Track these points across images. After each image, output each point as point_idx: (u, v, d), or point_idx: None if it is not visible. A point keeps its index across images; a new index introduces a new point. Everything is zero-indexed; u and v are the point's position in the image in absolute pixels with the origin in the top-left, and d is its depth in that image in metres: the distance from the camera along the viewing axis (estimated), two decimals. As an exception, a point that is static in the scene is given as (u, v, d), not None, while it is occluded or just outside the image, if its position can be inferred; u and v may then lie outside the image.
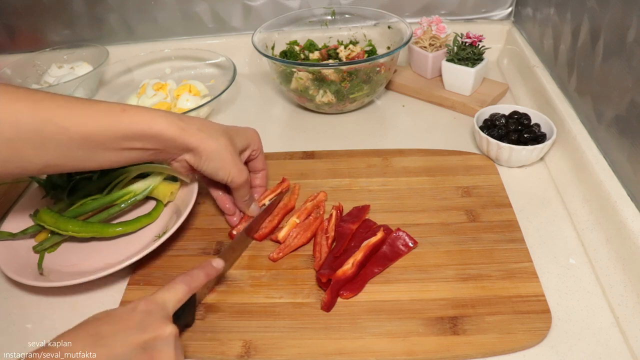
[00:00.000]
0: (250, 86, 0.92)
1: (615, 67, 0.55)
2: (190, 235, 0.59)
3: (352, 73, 0.75)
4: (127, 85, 0.88)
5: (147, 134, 0.48)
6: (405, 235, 0.54)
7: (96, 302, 0.52)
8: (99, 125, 0.46)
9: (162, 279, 0.53)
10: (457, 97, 0.79)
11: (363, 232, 0.56)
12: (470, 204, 0.60)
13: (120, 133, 0.47)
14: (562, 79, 0.70)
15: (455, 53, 0.78)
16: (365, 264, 0.52)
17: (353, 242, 0.54)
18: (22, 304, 0.53)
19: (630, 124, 0.52)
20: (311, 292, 0.51)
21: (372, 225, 0.56)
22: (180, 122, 0.50)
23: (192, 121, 0.52)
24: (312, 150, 0.71)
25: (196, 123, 0.52)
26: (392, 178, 0.65)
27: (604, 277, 0.50)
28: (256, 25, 0.83)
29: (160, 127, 0.49)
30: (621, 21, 0.54)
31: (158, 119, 0.49)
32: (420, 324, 0.47)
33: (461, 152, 0.68)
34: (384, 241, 0.54)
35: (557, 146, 0.65)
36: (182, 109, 0.77)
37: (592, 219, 0.55)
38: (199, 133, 0.51)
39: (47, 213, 0.57)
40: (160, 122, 0.49)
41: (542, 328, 0.46)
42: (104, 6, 0.92)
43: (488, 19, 0.94)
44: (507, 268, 0.51)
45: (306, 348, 0.45)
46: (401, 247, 0.54)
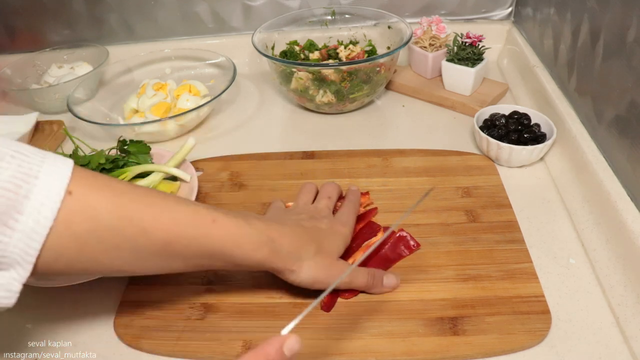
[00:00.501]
0: (250, 86, 0.92)
1: (615, 67, 0.55)
2: (190, 235, 0.58)
3: (352, 73, 0.75)
4: (127, 85, 0.88)
5: (234, 257, 0.42)
6: (408, 236, 0.54)
7: (96, 302, 0.52)
8: (184, 234, 0.39)
9: (162, 278, 0.53)
10: (457, 97, 0.79)
11: (366, 234, 0.56)
12: (471, 204, 0.60)
13: (206, 249, 0.41)
14: (562, 79, 0.70)
15: (455, 53, 0.78)
16: (367, 265, 0.52)
17: (354, 242, 0.54)
18: (22, 304, 0.53)
19: (630, 124, 0.52)
20: (311, 291, 0.51)
21: (375, 228, 0.56)
22: (271, 243, 0.44)
23: (284, 238, 0.45)
24: (312, 150, 0.71)
25: (287, 242, 0.45)
26: (392, 178, 0.65)
27: (604, 277, 0.50)
28: (256, 25, 0.83)
29: (249, 252, 0.43)
30: (621, 21, 0.54)
31: (246, 239, 0.42)
32: (420, 325, 0.47)
33: (461, 153, 0.68)
34: (386, 242, 0.54)
35: (557, 146, 0.65)
36: (182, 109, 0.77)
37: (592, 219, 0.55)
38: (289, 257, 0.45)
39: (47, 213, 0.56)
40: (249, 245, 0.42)
41: (542, 328, 0.46)
42: (104, 6, 0.92)
43: (488, 19, 0.94)
44: (507, 268, 0.51)
45: (306, 348, 0.45)
46: (403, 249, 0.54)
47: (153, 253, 0.39)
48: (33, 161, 0.34)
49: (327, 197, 0.56)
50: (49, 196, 0.33)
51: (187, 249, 0.40)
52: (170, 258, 0.40)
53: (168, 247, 0.39)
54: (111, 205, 0.36)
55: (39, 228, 0.33)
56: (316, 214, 0.53)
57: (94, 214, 0.35)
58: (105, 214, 0.36)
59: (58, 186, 0.34)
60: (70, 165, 0.35)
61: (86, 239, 0.35)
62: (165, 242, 0.38)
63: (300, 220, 0.50)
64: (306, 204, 0.57)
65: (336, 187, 0.59)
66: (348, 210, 0.55)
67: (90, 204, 0.35)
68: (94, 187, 0.36)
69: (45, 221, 0.33)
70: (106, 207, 0.36)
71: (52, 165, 0.34)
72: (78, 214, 0.34)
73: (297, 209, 0.55)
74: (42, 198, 0.33)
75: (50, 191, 0.33)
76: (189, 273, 0.53)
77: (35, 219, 0.33)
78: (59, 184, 0.34)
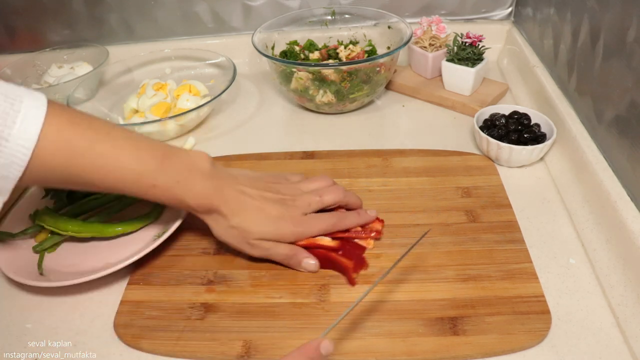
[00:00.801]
0: (250, 86, 0.92)
1: (615, 67, 0.55)
2: (191, 235, 0.58)
3: (352, 73, 0.75)
4: (127, 85, 0.88)
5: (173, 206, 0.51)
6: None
7: (96, 302, 0.52)
8: (125, 190, 0.48)
9: (162, 278, 0.53)
10: (457, 97, 0.79)
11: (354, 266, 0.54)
12: (471, 204, 0.60)
13: (147, 199, 0.49)
14: (562, 79, 0.70)
15: (455, 53, 0.78)
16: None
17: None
18: (22, 304, 0.53)
19: (630, 124, 0.52)
20: (311, 292, 0.51)
21: (361, 264, 0.54)
22: (209, 203, 0.50)
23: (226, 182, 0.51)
24: (312, 150, 0.71)
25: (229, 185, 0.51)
26: (392, 178, 0.65)
27: (604, 277, 0.50)
28: (256, 25, 0.83)
29: (191, 203, 0.50)
30: (621, 21, 0.54)
31: (188, 195, 0.49)
32: (420, 325, 0.47)
33: (461, 153, 0.68)
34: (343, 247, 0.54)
35: (557, 146, 0.65)
36: (182, 109, 0.77)
37: (592, 219, 0.55)
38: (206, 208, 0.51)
39: (47, 213, 0.57)
40: (189, 199, 0.49)
41: (542, 329, 0.46)
42: (104, 6, 0.92)
43: (488, 19, 0.94)
44: (507, 268, 0.51)
45: (306, 348, 0.45)
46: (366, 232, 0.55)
47: (91, 190, 0.49)
48: (11, 107, 0.41)
49: (318, 195, 0.55)
50: (26, 136, 0.41)
51: (124, 193, 0.49)
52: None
53: (109, 191, 0.49)
54: (64, 162, 0.44)
55: (17, 163, 0.41)
56: (288, 200, 0.53)
57: (65, 152, 0.43)
58: (58, 162, 0.44)
59: (34, 129, 0.41)
60: (45, 105, 0.42)
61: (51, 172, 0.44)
62: (107, 190, 0.48)
63: (250, 189, 0.52)
64: (295, 184, 0.56)
65: (338, 192, 0.56)
66: (325, 221, 0.53)
67: (59, 144, 0.43)
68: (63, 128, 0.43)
69: (23, 157, 0.41)
70: (61, 158, 0.43)
71: (29, 110, 0.41)
72: (50, 151, 0.42)
73: (280, 183, 0.56)
74: (20, 138, 0.41)
75: (26, 132, 0.41)
76: (189, 273, 0.54)
77: (13, 155, 0.41)
78: (35, 127, 0.41)
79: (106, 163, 0.46)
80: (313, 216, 0.53)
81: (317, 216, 0.54)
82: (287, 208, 0.52)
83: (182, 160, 0.50)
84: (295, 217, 0.52)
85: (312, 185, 0.56)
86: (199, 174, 0.50)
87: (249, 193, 0.52)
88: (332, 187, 0.56)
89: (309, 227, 0.53)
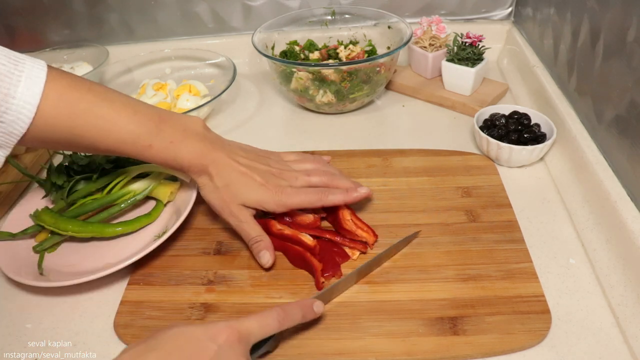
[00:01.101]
0: (250, 86, 0.92)
1: (615, 67, 0.55)
2: (190, 235, 0.58)
3: (352, 73, 0.75)
4: (127, 85, 0.88)
5: (167, 165, 0.53)
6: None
7: (96, 302, 0.52)
8: (122, 151, 0.50)
9: (162, 278, 0.53)
10: (457, 97, 0.79)
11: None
12: (471, 204, 0.60)
13: (143, 159, 0.52)
14: (562, 79, 0.70)
15: (455, 53, 0.78)
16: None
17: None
18: (22, 304, 0.53)
19: (630, 124, 0.52)
20: (311, 292, 0.51)
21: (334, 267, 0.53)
22: (200, 166, 0.52)
23: (212, 165, 0.53)
24: (313, 150, 0.71)
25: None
26: (392, 178, 0.65)
27: (604, 277, 0.50)
28: (256, 25, 0.83)
29: (184, 162, 0.52)
30: (621, 21, 0.54)
31: (182, 154, 0.51)
32: (420, 324, 0.47)
33: (461, 153, 0.68)
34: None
35: (557, 146, 0.65)
36: (182, 109, 0.77)
37: (592, 219, 0.55)
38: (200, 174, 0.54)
39: (47, 213, 0.57)
40: (182, 158, 0.52)
41: (542, 328, 0.46)
42: (104, 6, 0.92)
43: (488, 19, 0.94)
44: (507, 268, 0.51)
45: (306, 348, 0.45)
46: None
47: (90, 151, 0.54)
48: (15, 67, 0.43)
49: (307, 174, 0.56)
50: (30, 94, 0.43)
51: (121, 154, 0.51)
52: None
53: (108, 152, 0.51)
54: (66, 123, 0.46)
55: (22, 120, 0.44)
56: (275, 171, 0.55)
57: (66, 113, 0.46)
58: (60, 123, 0.46)
59: (37, 88, 0.44)
60: (45, 68, 0.45)
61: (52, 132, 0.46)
62: (105, 151, 0.51)
63: (243, 158, 0.54)
64: (286, 162, 0.58)
65: (327, 174, 0.56)
66: (309, 194, 0.54)
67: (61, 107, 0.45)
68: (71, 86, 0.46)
69: (29, 113, 0.44)
70: (63, 118, 0.46)
71: (32, 70, 0.44)
72: (52, 111, 0.45)
73: (271, 158, 0.57)
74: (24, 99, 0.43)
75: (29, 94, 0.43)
76: (189, 273, 0.54)
77: (19, 112, 0.43)
78: (38, 86, 0.44)
79: (105, 125, 0.48)
80: (297, 189, 0.54)
81: (302, 189, 0.54)
82: (273, 177, 0.54)
83: (177, 122, 0.52)
84: (279, 186, 0.53)
85: (303, 165, 0.58)
86: (193, 135, 0.52)
87: (237, 159, 0.54)
88: (320, 170, 0.57)
89: (292, 197, 0.53)
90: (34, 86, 0.43)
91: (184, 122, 0.53)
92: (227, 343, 0.37)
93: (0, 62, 0.43)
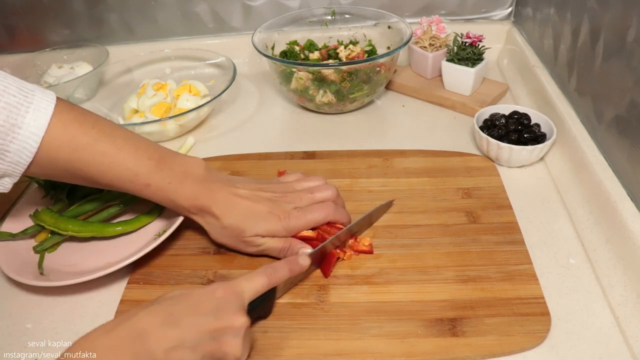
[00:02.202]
0: (250, 86, 0.92)
1: (615, 67, 0.55)
2: (191, 235, 0.59)
3: (352, 73, 0.75)
4: (127, 85, 0.88)
5: (166, 205, 0.54)
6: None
7: (96, 302, 0.52)
8: (121, 187, 0.51)
9: (162, 278, 0.53)
10: (457, 97, 0.79)
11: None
12: (471, 205, 0.60)
13: (141, 196, 0.52)
14: (562, 79, 0.70)
15: (455, 53, 0.78)
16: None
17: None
18: (22, 304, 0.53)
19: (630, 124, 0.52)
20: (310, 292, 0.51)
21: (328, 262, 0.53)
22: (195, 206, 0.52)
23: (210, 201, 0.52)
24: (313, 150, 0.71)
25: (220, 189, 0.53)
26: (393, 179, 0.65)
27: (604, 277, 0.50)
28: (256, 25, 0.83)
29: (183, 204, 0.52)
30: (621, 21, 0.54)
31: (180, 196, 0.51)
32: (419, 326, 0.47)
33: (462, 153, 0.68)
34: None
35: (557, 146, 0.65)
36: (182, 109, 0.77)
37: (592, 219, 0.55)
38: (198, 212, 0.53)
39: (47, 213, 0.57)
40: (180, 200, 0.52)
41: (542, 330, 0.45)
42: (104, 6, 0.92)
43: (488, 19, 0.94)
44: (506, 270, 0.51)
45: (305, 349, 0.45)
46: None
47: (89, 184, 0.52)
48: (24, 99, 0.46)
49: (310, 192, 0.55)
50: (36, 125, 0.45)
51: (119, 190, 0.52)
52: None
53: (105, 187, 0.52)
54: (67, 156, 0.47)
55: (27, 149, 0.45)
56: (279, 196, 0.54)
57: (69, 146, 0.47)
58: (65, 156, 0.47)
59: (44, 120, 0.46)
60: (54, 101, 0.47)
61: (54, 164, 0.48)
62: (104, 186, 0.51)
63: (245, 192, 0.54)
64: (288, 183, 0.57)
65: (330, 190, 0.56)
66: (317, 211, 0.53)
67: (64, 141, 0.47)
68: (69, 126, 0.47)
69: (34, 143, 0.45)
70: (66, 151, 0.47)
71: (40, 102, 0.46)
72: (56, 143, 0.47)
73: (273, 184, 0.57)
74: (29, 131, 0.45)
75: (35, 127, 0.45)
76: (189, 273, 0.54)
77: (24, 142, 0.45)
78: (44, 118, 0.46)
79: (105, 160, 0.49)
80: (304, 209, 0.54)
81: (308, 208, 0.54)
82: (277, 203, 0.53)
83: (177, 163, 0.52)
84: (286, 211, 0.53)
85: (305, 184, 0.57)
86: (192, 177, 0.52)
87: (240, 193, 0.53)
88: (324, 186, 0.57)
89: (300, 219, 0.53)
90: (40, 118, 0.45)
91: (185, 163, 0.53)
92: (223, 297, 0.40)
93: (11, 94, 0.45)
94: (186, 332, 0.38)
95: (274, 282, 0.45)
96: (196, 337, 0.38)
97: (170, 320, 0.38)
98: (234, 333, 0.39)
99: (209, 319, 0.39)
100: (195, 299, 0.40)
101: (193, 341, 0.38)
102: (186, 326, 0.38)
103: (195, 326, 0.38)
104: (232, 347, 0.39)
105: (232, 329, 0.39)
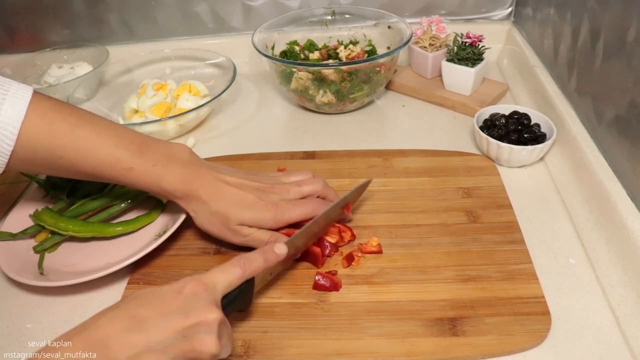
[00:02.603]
0: (250, 86, 0.92)
1: (615, 67, 0.55)
2: (190, 235, 0.59)
3: (352, 73, 0.75)
4: (127, 85, 0.88)
5: (150, 190, 0.52)
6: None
7: (96, 302, 0.52)
8: (103, 174, 0.50)
9: (162, 278, 0.53)
10: (457, 97, 0.79)
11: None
12: (471, 205, 0.60)
13: (125, 183, 0.51)
14: (562, 79, 0.70)
15: (455, 53, 0.78)
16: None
17: None
18: (22, 304, 0.53)
19: (630, 124, 0.52)
20: (310, 292, 0.51)
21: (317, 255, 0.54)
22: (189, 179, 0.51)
23: (201, 174, 0.51)
24: (313, 150, 0.71)
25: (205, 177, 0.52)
26: (393, 179, 0.65)
27: (604, 277, 0.50)
28: (256, 25, 0.83)
29: (168, 187, 0.51)
30: (621, 21, 0.54)
31: (165, 179, 0.50)
32: (419, 325, 0.47)
33: (462, 153, 0.68)
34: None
35: (557, 146, 0.65)
36: (182, 109, 0.77)
37: (592, 219, 0.55)
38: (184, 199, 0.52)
39: (47, 213, 0.57)
40: (165, 183, 0.50)
41: (542, 330, 0.46)
42: (104, 6, 0.92)
43: (488, 19, 0.94)
44: (507, 269, 0.51)
45: (305, 348, 0.45)
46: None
47: (72, 174, 0.51)
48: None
49: (297, 185, 0.55)
50: (14, 111, 0.45)
51: (102, 178, 0.51)
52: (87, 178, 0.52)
53: (88, 176, 0.51)
54: (47, 143, 0.47)
55: (7, 137, 0.45)
56: (266, 187, 0.54)
57: (47, 133, 0.47)
58: (44, 148, 0.47)
59: (21, 107, 0.46)
60: (30, 91, 0.47)
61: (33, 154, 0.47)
62: (86, 175, 0.50)
63: (230, 179, 0.53)
64: (275, 176, 0.57)
65: (317, 183, 0.55)
66: (305, 205, 0.53)
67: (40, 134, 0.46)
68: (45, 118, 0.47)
69: (13, 129, 0.45)
70: (44, 141, 0.47)
71: (17, 92, 0.46)
72: (34, 131, 0.46)
73: (259, 175, 0.56)
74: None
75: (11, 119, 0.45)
76: (189, 273, 0.53)
77: (4, 128, 0.45)
78: (22, 106, 0.46)
79: (86, 145, 0.48)
80: (292, 202, 0.53)
81: (296, 202, 0.54)
82: (265, 193, 0.53)
83: (160, 147, 0.52)
84: (273, 202, 0.52)
85: (292, 178, 0.57)
86: (177, 161, 0.51)
87: (227, 180, 0.52)
88: (311, 179, 0.56)
89: (288, 211, 0.52)
90: (17, 104, 0.45)
91: (168, 147, 0.52)
92: (191, 293, 0.38)
93: None
94: (152, 334, 0.35)
95: (249, 274, 0.43)
96: (164, 339, 0.35)
97: (134, 323, 0.35)
98: (206, 329, 0.37)
99: (176, 318, 0.36)
100: (160, 297, 0.38)
101: (161, 343, 0.35)
102: (152, 328, 0.35)
103: (162, 327, 0.35)
104: (206, 345, 0.36)
105: (203, 325, 0.37)
